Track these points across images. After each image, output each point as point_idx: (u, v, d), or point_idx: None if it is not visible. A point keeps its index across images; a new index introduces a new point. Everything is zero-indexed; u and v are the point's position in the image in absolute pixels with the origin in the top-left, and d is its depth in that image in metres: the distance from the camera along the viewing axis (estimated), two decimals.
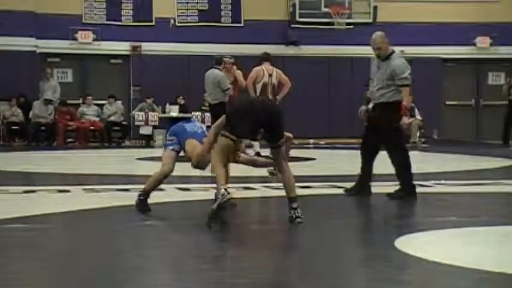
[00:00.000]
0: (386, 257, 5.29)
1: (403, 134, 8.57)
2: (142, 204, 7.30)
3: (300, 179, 8.62)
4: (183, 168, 8.08)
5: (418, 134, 19.44)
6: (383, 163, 8.45)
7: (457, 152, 16.42)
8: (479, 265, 4.79)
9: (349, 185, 8.52)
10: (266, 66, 13.13)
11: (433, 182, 9.73)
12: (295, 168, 8.70)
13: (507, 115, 18.86)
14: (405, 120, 8.30)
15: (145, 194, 7.35)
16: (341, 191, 8.43)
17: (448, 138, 20.98)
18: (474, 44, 22.10)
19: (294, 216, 6.55)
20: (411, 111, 19.29)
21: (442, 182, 9.68)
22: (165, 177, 7.40)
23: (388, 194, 8.10)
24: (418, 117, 19.35)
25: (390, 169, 8.29)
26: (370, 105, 8.61)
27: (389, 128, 8.13)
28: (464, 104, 22.57)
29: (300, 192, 8.51)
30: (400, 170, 8.17)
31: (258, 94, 12.89)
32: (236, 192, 8.58)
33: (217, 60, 13.98)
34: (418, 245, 5.59)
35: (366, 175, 8.41)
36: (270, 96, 12.97)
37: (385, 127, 8.17)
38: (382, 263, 5.14)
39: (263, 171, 8.86)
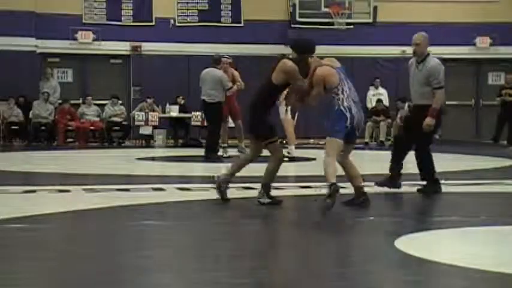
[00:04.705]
0: (386, 257, 5.29)
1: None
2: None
3: (300, 179, 8.64)
4: (183, 169, 8.08)
5: None
6: (380, 163, 8.45)
7: (457, 152, 16.42)
8: (479, 265, 4.79)
9: (348, 184, 8.51)
10: None
11: None
12: (296, 168, 8.70)
13: (501, 116, 18.85)
14: (429, 121, 8.41)
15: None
16: (342, 191, 8.40)
17: (448, 138, 20.97)
18: (474, 44, 22.09)
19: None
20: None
21: (442, 181, 9.68)
22: None
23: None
24: None
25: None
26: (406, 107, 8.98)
27: (424, 131, 8.44)
28: (464, 104, 22.56)
29: (300, 192, 8.53)
30: (427, 169, 8.56)
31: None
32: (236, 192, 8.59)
33: (215, 60, 13.99)
34: (418, 245, 5.59)
35: (397, 171, 8.64)
36: None
37: (420, 128, 8.45)
38: (382, 263, 5.15)
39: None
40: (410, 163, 8.65)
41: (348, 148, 7.44)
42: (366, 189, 7.42)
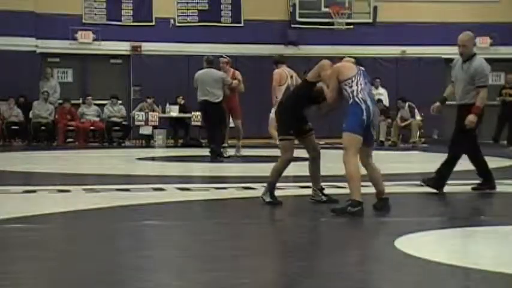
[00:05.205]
0: (386, 257, 5.29)
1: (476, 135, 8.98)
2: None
3: (300, 179, 8.64)
4: (183, 169, 8.08)
5: (418, 134, 19.45)
6: (378, 164, 8.44)
7: None
8: (480, 265, 4.79)
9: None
10: (286, 69, 13.08)
11: None
12: (296, 168, 8.71)
13: (501, 116, 18.85)
14: (471, 118, 8.58)
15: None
16: (343, 191, 8.39)
17: (448, 138, 20.94)
18: (474, 44, 22.03)
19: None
20: (412, 112, 19.33)
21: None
22: None
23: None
24: (418, 117, 19.35)
25: (392, 170, 8.29)
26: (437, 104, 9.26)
27: (467, 129, 8.64)
28: None
29: (300, 192, 8.53)
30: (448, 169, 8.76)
31: (280, 96, 12.87)
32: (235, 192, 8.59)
33: (211, 61, 14.09)
34: (418, 244, 5.59)
35: (485, 172, 8.87)
36: None
37: (463, 126, 8.67)
38: (382, 263, 5.15)
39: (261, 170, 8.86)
40: (402, 163, 8.63)
41: (367, 151, 7.22)
42: (363, 190, 7.36)
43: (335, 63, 7.42)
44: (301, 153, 8.00)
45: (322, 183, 7.88)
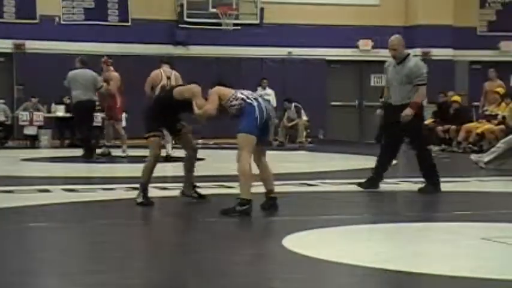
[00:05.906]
0: (273, 256, 5.38)
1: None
2: None
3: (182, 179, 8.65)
4: (69, 170, 7.97)
5: (304, 134, 19.78)
6: (276, 163, 8.57)
7: (342, 151, 16.81)
8: (364, 262, 4.93)
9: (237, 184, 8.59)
10: (164, 69, 13.25)
11: (319, 181, 9.94)
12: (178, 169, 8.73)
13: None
14: (407, 111, 8.61)
15: None
16: (231, 190, 8.46)
17: (333, 138, 21.42)
18: (357, 47, 22.65)
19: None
20: (299, 112, 19.65)
21: (327, 181, 9.91)
22: None
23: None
24: (304, 117, 19.68)
25: (280, 169, 8.41)
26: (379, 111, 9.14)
27: (414, 129, 8.73)
28: (348, 105, 23.10)
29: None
30: (427, 167, 8.83)
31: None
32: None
33: (84, 61, 14.12)
34: (304, 243, 5.69)
35: (381, 170, 9.00)
36: None
37: (409, 128, 8.69)
38: (270, 261, 5.24)
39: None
40: (289, 162, 8.79)
41: (261, 150, 7.24)
42: (253, 189, 7.44)
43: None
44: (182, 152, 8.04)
45: (211, 183, 7.94)
